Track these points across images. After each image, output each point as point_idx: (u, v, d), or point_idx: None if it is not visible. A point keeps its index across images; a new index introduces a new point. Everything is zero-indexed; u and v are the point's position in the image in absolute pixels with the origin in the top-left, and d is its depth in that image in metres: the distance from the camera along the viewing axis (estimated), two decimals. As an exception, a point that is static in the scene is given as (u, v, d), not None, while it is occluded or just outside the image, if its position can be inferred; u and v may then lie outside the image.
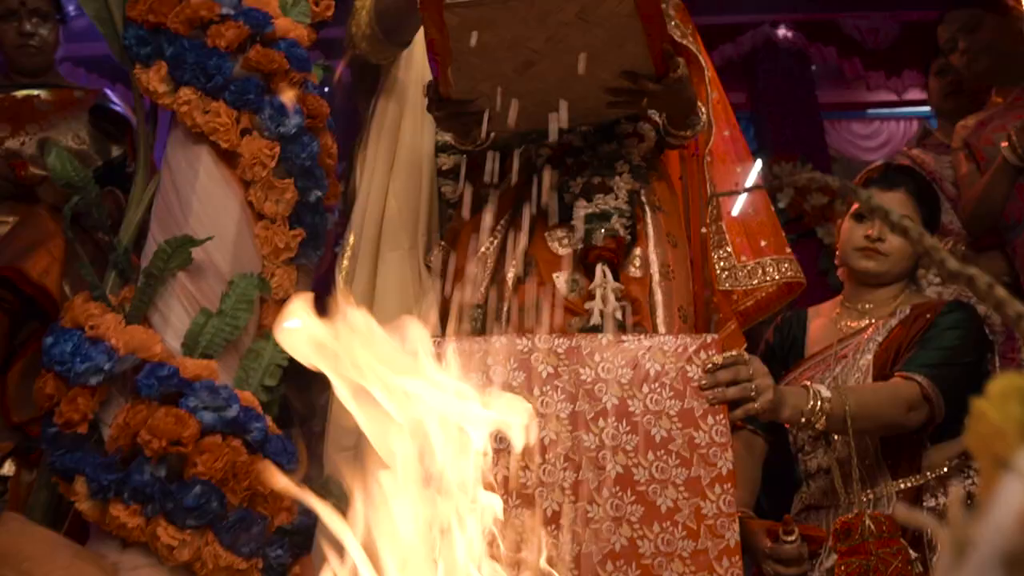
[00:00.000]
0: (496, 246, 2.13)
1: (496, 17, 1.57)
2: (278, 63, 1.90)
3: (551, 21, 1.59)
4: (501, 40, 1.62)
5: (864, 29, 6.33)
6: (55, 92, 2.77)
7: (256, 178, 1.87)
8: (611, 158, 2.05)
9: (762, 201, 2.25)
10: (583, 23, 1.60)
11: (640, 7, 1.57)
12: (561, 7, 1.56)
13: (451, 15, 1.56)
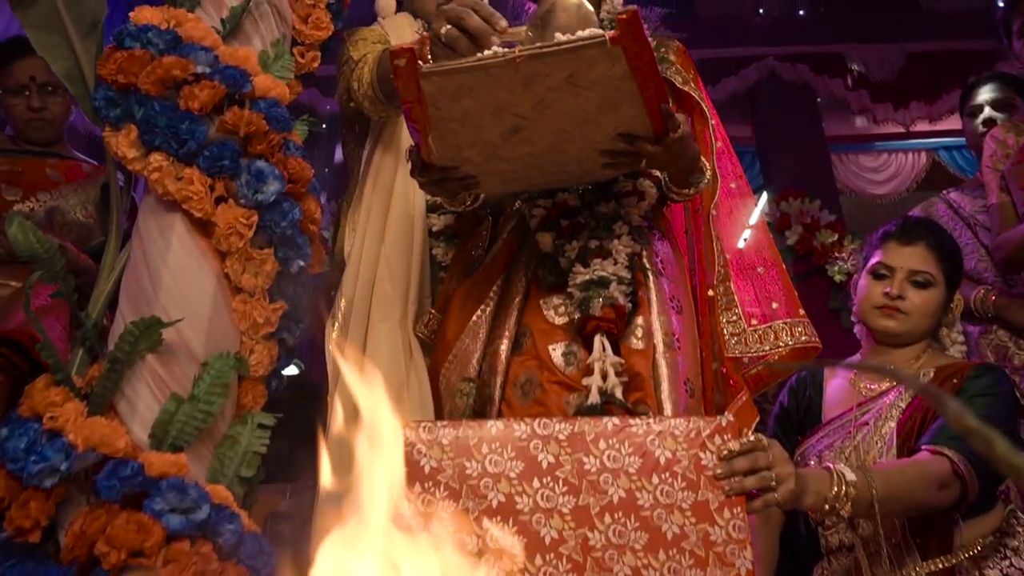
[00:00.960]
0: (488, 314, 2.00)
1: (477, 84, 1.45)
2: (256, 125, 1.78)
3: (538, 86, 1.47)
4: (484, 106, 1.51)
5: (870, 61, 6.25)
6: (64, 163, 2.81)
7: (232, 249, 1.74)
8: (609, 219, 1.92)
9: (773, 259, 2.12)
10: (573, 87, 1.48)
11: (635, 69, 1.45)
12: (548, 72, 1.44)
13: (428, 83, 1.45)
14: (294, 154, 1.88)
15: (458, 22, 1.54)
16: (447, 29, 1.54)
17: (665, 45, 2.22)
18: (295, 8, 2.21)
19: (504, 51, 1.42)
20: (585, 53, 1.41)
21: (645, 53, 1.44)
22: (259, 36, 2.07)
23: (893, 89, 6.16)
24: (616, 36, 1.38)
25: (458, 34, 1.53)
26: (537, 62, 1.42)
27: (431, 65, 1.44)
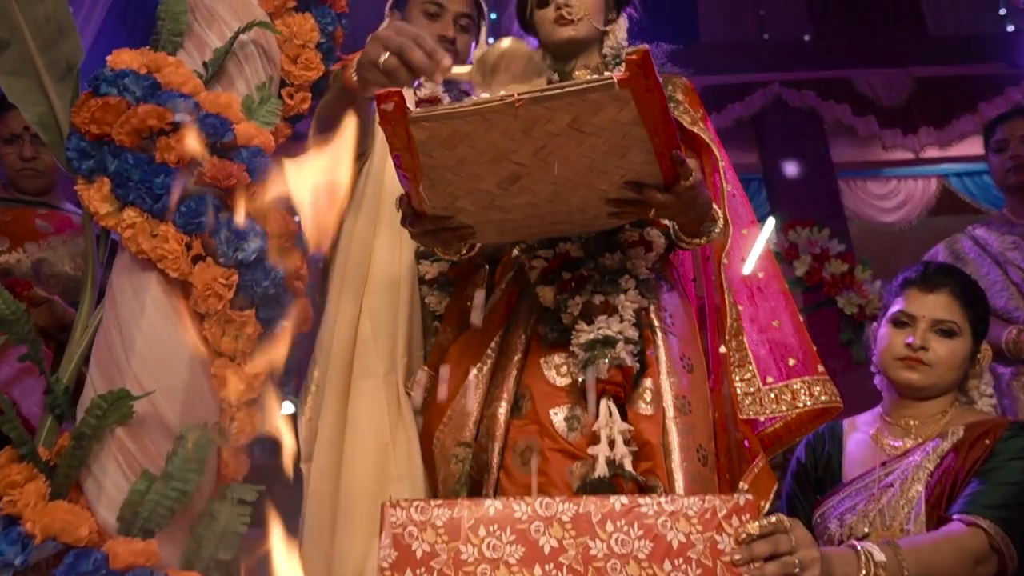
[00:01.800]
0: (486, 372, 1.88)
1: (472, 130, 1.34)
2: (237, 177, 1.67)
3: (538, 132, 1.36)
4: (480, 154, 1.39)
5: (877, 86, 6.14)
6: (55, 214, 2.74)
7: (211, 311, 1.63)
8: (615, 272, 1.81)
9: (788, 311, 2.00)
10: (577, 133, 1.37)
11: (644, 115, 1.33)
12: (550, 117, 1.33)
13: (419, 129, 1.33)
14: (278, 207, 1.77)
15: (400, 53, 1.43)
16: (387, 57, 1.44)
17: (672, 83, 2.11)
18: (284, 48, 2.10)
19: (502, 94, 1.30)
20: (590, 96, 1.30)
21: (656, 97, 1.33)
22: (244, 79, 1.97)
23: (901, 115, 6.05)
24: (625, 78, 1.27)
25: (398, 64, 1.43)
26: (538, 106, 1.31)
27: (422, 110, 1.33)
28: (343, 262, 2.01)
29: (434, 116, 1.31)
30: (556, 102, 1.29)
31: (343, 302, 1.99)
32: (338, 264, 2.02)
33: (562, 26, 2.06)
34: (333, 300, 2.02)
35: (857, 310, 5.08)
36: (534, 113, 1.31)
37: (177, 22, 1.96)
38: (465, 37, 2.41)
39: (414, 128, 1.33)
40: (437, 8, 2.35)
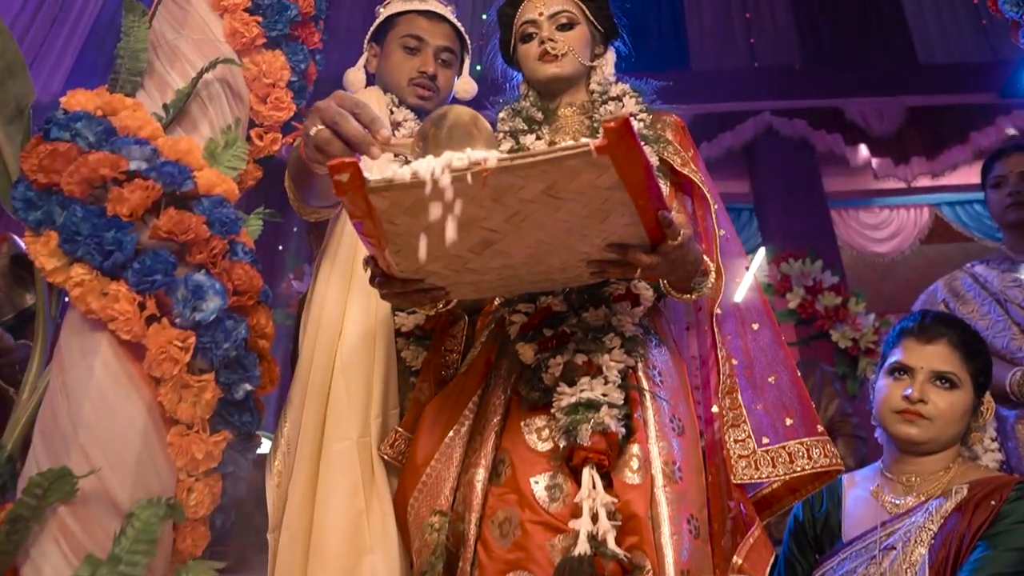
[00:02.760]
0: (463, 435, 1.76)
1: (439, 199, 1.23)
2: (195, 231, 1.56)
3: (510, 200, 1.25)
4: None
5: (869, 115, 6.08)
6: None
7: (166, 376, 1.51)
8: (599, 330, 1.69)
9: (785, 364, 1.89)
10: (553, 200, 1.26)
11: (626, 179, 1.22)
12: (522, 185, 1.22)
13: (378, 199, 1.22)
14: (242, 260, 1.65)
15: (333, 125, 1.32)
16: (318, 130, 1.32)
17: (661, 121, 2.01)
18: (253, 87, 2.00)
19: (470, 162, 1.19)
20: (566, 163, 1.19)
21: (638, 162, 1.22)
22: (208, 121, 1.86)
23: (893, 144, 5.98)
24: (603, 146, 1.16)
25: (330, 136, 1.32)
26: (508, 175, 1.20)
27: (380, 179, 1.21)
28: (316, 315, 1.90)
29: (394, 186, 1.20)
30: (528, 171, 1.18)
31: (317, 357, 1.88)
32: (311, 317, 1.91)
33: (546, 63, 1.96)
34: (306, 354, 1.90)
35: (851, 343, 4.99)
36: (504, 181, 1.20)
37: (137, 60, 1.86)
38: (447, 72, 2.31)
39: (373, 197, 1.22)
40: (417, 42, 2.25)
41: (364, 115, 1.32)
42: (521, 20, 2.03)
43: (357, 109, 1.32)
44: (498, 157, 1.19)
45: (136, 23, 1.87)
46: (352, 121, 1.31)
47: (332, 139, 1.32)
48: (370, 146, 1.31)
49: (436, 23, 2.29)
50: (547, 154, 1.17)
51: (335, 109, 1.32)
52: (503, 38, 2.12)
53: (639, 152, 1.21)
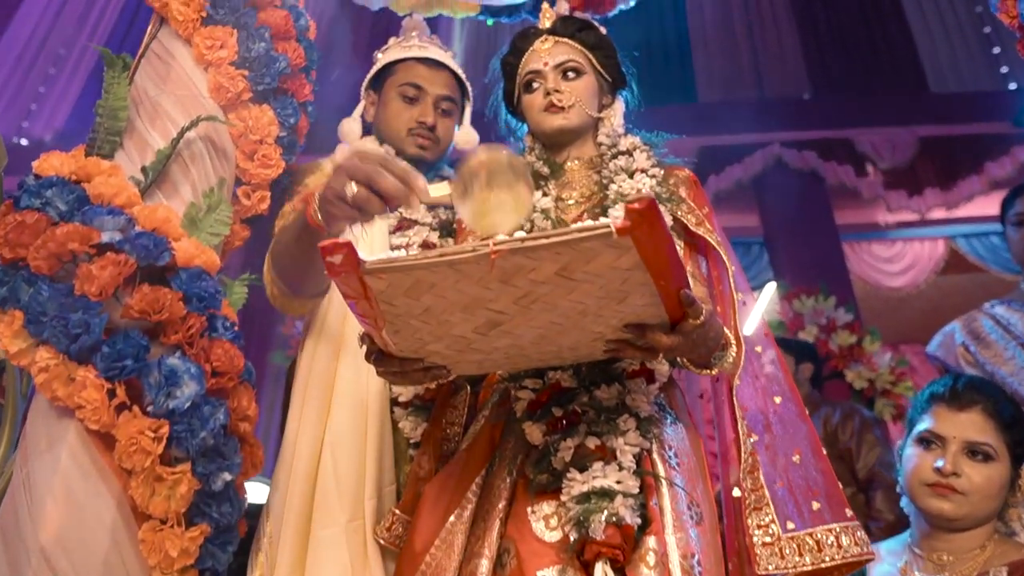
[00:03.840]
0: (466, 519, 1.63)
1: (439, 279, 1.11)
2: (171, 310, 1.44)
3: (520, 281, 1.13)
4: (450, 303, 1.17)
5: (880, 146, 5.95)
6: None
7: (137, 468, 1.38)
8: (612, 410, 1.56)
9: (810, 440, 1.75)
10: (567, 281, 1.14)
11: (647, 260, 1.11)
12: (533, 267, 1.10)
13: (375, 280, 1.11)
14: (222, 337, 1.53)
15: (369, 182, 1.22)
16: (357, 190, 1.23)
17: (674, 176, 1.88)
18: (239, 144, 1.89)
19: (475, 244, 1.08)
20: (582, 245, 1.07)
21: (662, 243, 1.10)
22: (190, 183, 1.74)
23: (906, 175, 5.85)
24: (625, 228, 1.04)
25: (368, 194, 1.23)
26: (518, 256, 1.08)
27: (377, 261, 1.09)
28: (303, 386, 1.77)
29: (393, 268, 1.09)
30: (541, 251, 1.07)
31: (302, 435, 1.75)
32: (297, 388, 1.78)
33: (552, 114, 1.85)
34: (291, 430, 1.78)
35: (867, 384, 4.83)
36: (514, 263, 1.08)
37: (116, 119, 1.75)
38: (447, 122, 2.19)
39: (369, 279, 1.10)
40: (416, 91, 2.14)
41: (396, 168, 1.23)
42: (525, 70, 1.91)
43: (386, 163, 1.23)
44: (507, 239, 1.07)
45: (116, 79, 1.76)
46: (388, 176, 1.22)
47: (371, 196, 1.23)
48: (408, 199, 1.21)
49: (436, 71, 2.18)
50: (562, 235, 1.06)
51: (367, 166, 1.22)
52: (506, 88, 2.01)
53: (664, 233, 1.09)
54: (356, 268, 1.08)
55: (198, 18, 1.85)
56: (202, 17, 1.86)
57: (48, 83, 6.34)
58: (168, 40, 1.90)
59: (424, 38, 2.27)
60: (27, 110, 6.38)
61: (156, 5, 1.90)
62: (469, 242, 1.08)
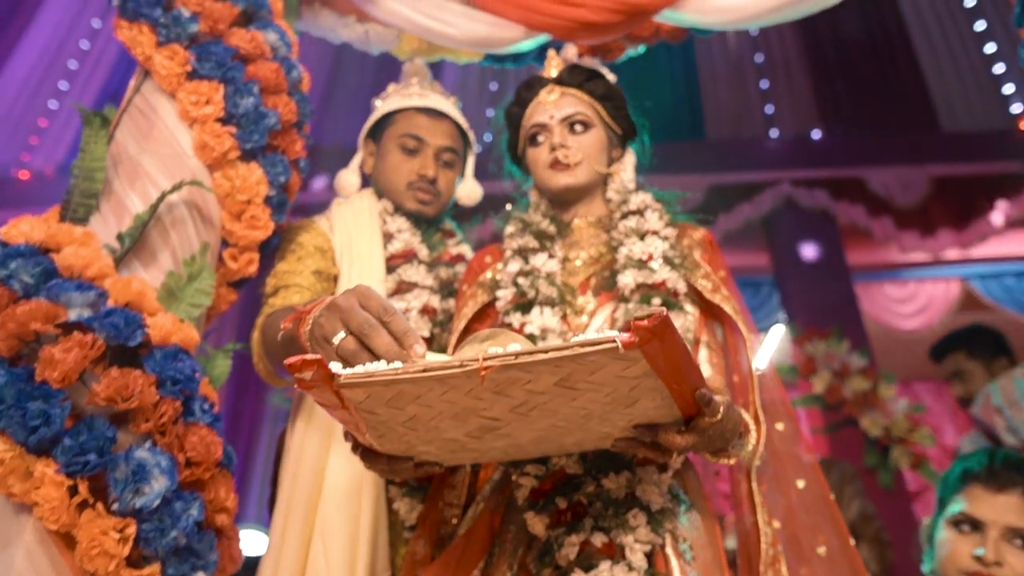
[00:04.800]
0: None
1: (423, 392, 0.99)
2: (140, 397, 1.32)
3: (516, 392, 1.01)
4: (438, 412, 1.04)
5: (892, 185, 5.83)
6: None
7: (100, 572, 1.25)
8: (621, 503, 1.43)
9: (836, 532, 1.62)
10: (569, 391, 1.02)
11: (659, 368, 0.99)
12: (530, 379, 0.98)
13: (353, 392, 0.99)
14: (199, 421, 1.41)
15: (362, 336, 1.08)
16: (343, 339, 1.09)
17: (689, 237, 1.77)
18: (225, 204, 1.78)
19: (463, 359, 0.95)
20: (585, 359, 0.95)
21: (675, 351, 0.98)
22: (170, 250, 1.63)
23: (918, 215, 5.71)
24: (633, 343, 0.92)
25: (357, 349, 1.08)
26: (512, 370, 0.96)
27: (354, 375, 0.97)
28: (292, 471, 1.65)
29: (371, 383, 0.96)
30: (538, 366, 0.94)
31: (291, 520, 1.62)
32: (286, 472, 1.66)
33: (558, 172, 1.75)
34: (279, 517, 1.65)
35: (883, 432, 4.68)
36: (508, 376, 0.96)
37: (93, 181, 1.64)
38: (448, 174, 2.09)
39: (348, 392, 0.98)
40: (416, 142, 2.04)
41: (396, 326, 1.08)
42: (530, 122, 1.81)
43: (387, 317, 1.08)
44: (498, 354, 0.94)
45: (94, 138, 1.66)
46: (384, 335, 1.07)
47: (359, 352, 1.07)
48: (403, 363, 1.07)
49: (437, 120, 2.08)
50: (561, 350, 0.93)
51: (363, 317, 1.08)
52: (510, 139, 1.91)
53: (677, 343, 0.97)
54: (329, 382, 0.96)
55: (183, 72, 1.75)
56: (187, 71, 1.76)
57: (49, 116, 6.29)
58: (152, 95, 1.80)
59: (425, 85, 2.17)
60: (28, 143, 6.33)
61: (140, 58, 1.81)
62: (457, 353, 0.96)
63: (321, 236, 1.91)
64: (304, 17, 2.43)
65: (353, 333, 1.07)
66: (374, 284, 1.87)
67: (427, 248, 2.02)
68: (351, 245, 1.91)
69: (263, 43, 1.84)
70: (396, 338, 1.07)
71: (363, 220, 1.97)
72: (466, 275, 1.83)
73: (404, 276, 1.91)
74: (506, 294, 1.68)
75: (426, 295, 1.90)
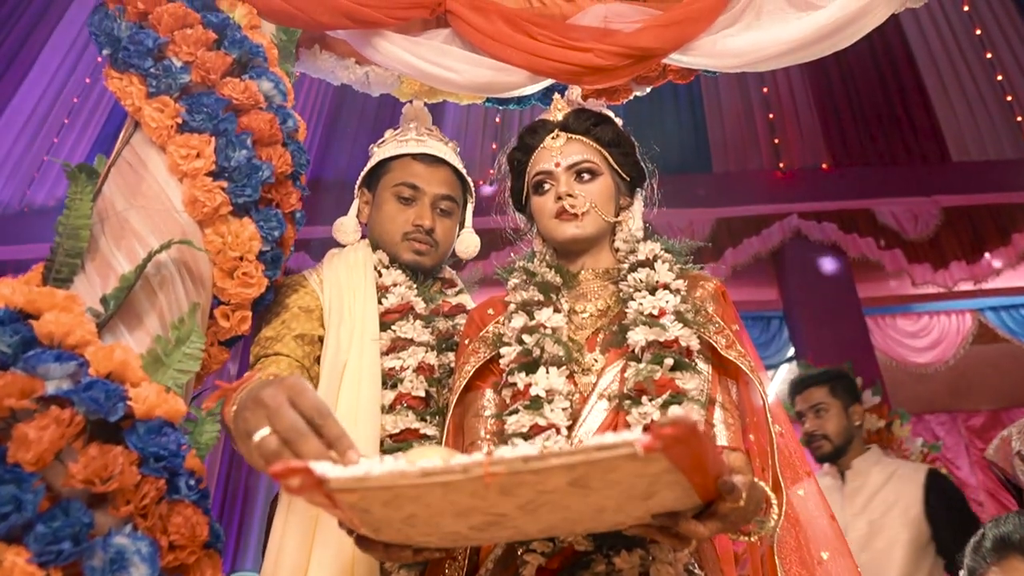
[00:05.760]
0: None
1: (422, 493, 0.90)
2: (120, 478, 1.23)
3: (523, 491, 0.92)
4: (439, 511, 0.95)
5: (902, 217, 5.76)
6: None
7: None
8: None
9: None
10: (582, 489, 0.93)
11: (681, 464, 0.90)
12: (538, 481, 0.89)
13: (345, 495, 0.90)
14: (184, 499, 1.32)
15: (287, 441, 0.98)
16: (264, 438, 0.98)
17: (700, 288, 1.69)
18: (217, 261, 1.70)
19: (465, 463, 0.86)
20: (600, 461, 0.86)
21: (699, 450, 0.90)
22: (157, 313, 1.55)
23: (930, 247, 5.63)
24: (654, 447, 0.83)
25: (279, 448, 0.97)
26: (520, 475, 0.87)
27: (344, 479, 0.88)
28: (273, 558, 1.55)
29: (364, 487, 0.88)
30: (547, 472, 0.86)
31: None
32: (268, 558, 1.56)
33: (565, 222, 1.67)
34: None
35: (902, 479, 4.55)
36: (516, 479, 0.87)
37: (77, 239, 1.57)
38: (446, 223, 2.01)
39: (340, 496, 0.89)
40: (412, 191, 1.96)
41: (329, 430, 0.97)
42: (535, 169, 1.73)
43: (320, 419, 0.98)
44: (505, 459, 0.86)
45: (79, 195, 1.58)
46: (312, 441, 0.96)
47: (282, 451, 0.97)
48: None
49: (434, 168, 2.00)
50: (573, 455, 0.84)
51: (291, 420, 0.96)
52: (514, 185, 1.83)
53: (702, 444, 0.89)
54: (319, 487, 0.87)
55: (173, 125, 1.68)
56: (177, 124, 1.69)
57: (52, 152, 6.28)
58: (141, 147, 1.73)
59: (423, 130, 2.10)
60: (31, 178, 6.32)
61: (129, 109, 1.74)
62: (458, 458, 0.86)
63: (309, 295, 1.83)
64: (303, 60, 2.37)
65: (278, 433, 0.97)
66: (367, 343, 1.78)
67: (424, 301, 1.93)
68: (342, 302, 1.83)
69: (257, 93, 1.77)
70: (329, 443, 0.96)
71: (356, 275, 1.89)
72: (467, 328, 1.75)
73: (399, 333, 1.82)
74: (510, 352, 1.60)
75: (422, 352, 1.82)
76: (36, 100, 5.94)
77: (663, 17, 2.15)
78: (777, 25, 2.07)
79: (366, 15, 2.10)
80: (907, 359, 5.90)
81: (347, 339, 1.78)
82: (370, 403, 1.73)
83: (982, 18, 5.65)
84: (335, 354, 1.76)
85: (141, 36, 1.74)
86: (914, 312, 6.17)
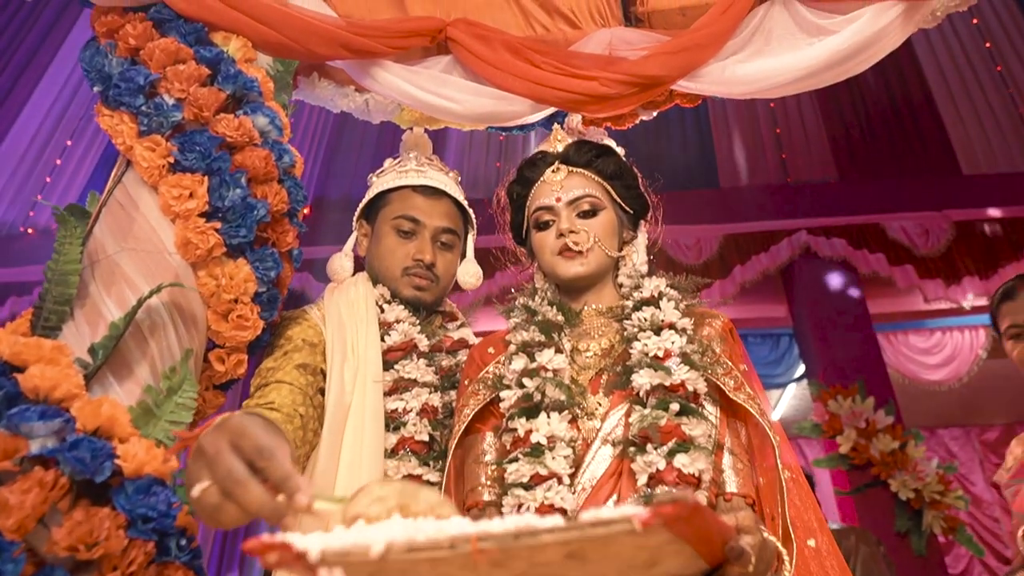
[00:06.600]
0: None
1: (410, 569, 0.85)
2: (107, 545, 1.18)
3: (517, 564, 0.87)
4: None
5: (913, 232, 5.68)
6: None
7: None
8: None
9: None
10: (580, 562, 0.88)
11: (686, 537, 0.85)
12: (533, 552, 0.84)
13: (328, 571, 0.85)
14: (175, 561, 1.27)
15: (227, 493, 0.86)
16: (204, 489, 0.87)
17: (707, 326, 1.62)
18: (211, 303, 1.65)
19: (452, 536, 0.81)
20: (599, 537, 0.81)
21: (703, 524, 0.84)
22: (148, 361, 1.50)
23: (941, 263, 5.55)
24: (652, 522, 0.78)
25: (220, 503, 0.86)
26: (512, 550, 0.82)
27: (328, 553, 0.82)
28: None
29: (347, 562, 0.82)
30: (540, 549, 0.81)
31: None
32: None
33: (567, 260, 1.61)
34: None
35: (914, 495, 4.47)
36: (508, 554, 0.82)
37: (66, 285, 1.52)
38: (447, 257, 1.95)
39: (324, 570, 0.84)
40: (412, 224, 1.90)
41: (275, 471, 0.87)
42: (535, 204, 1.67)
43: (263, 462, 0.87)
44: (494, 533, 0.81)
45: (69, 239, 1.54)
46: (252, 490, 0.85)
47: (223, 505, 0.87)
48: (282, 519, 0.87)
49: (435, 200, 1.94)
50: (567, 531, 0.79)
51: (228, 468, 0.85)
52: (513, 219, 1.78)
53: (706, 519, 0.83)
54: (299, 562, 0.82)
55: (165, 164, 1.64)
56: (169, 163, 1.64)
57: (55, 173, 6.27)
58: (133, 186, 1.68)
59: (423, 159, 2.04)
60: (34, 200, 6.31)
61: (121, 148, 1.69)
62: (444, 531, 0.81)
63: (312, 329, 1.77)
64: (301, 88, 2.33)
65: (218, 485, 0.88)
66: (370, 383, 1.73)
67: (426, 337, 1.88)
68: (344, 339, 1.78)
69: (251, 129, 1.72)
70: (275, 486, 0.87)
71: (359, 311, 1.83)
72: (467, 368, 1.69)
73: (403, 372, 1.77)
74: (510, 395, 1.54)
75: (425, 393, 1.76)
76: (40, 120, 5.93)
77: (670, 44, 2.09)
78: (788, 51, 2.01)
79: (364, 45, 2.06)
80: (920, 376, 5.82)
81: (351, 379, 1.73)
82: (373, 448, 1.68)
83: (992, 32, 5.58)
84: (339, 395, 1.71)
85: (132, 73, 1.69)
86: (927, 328, 6.09)
